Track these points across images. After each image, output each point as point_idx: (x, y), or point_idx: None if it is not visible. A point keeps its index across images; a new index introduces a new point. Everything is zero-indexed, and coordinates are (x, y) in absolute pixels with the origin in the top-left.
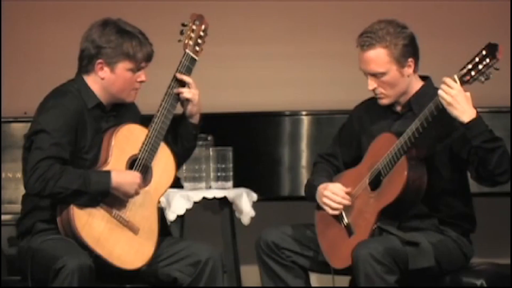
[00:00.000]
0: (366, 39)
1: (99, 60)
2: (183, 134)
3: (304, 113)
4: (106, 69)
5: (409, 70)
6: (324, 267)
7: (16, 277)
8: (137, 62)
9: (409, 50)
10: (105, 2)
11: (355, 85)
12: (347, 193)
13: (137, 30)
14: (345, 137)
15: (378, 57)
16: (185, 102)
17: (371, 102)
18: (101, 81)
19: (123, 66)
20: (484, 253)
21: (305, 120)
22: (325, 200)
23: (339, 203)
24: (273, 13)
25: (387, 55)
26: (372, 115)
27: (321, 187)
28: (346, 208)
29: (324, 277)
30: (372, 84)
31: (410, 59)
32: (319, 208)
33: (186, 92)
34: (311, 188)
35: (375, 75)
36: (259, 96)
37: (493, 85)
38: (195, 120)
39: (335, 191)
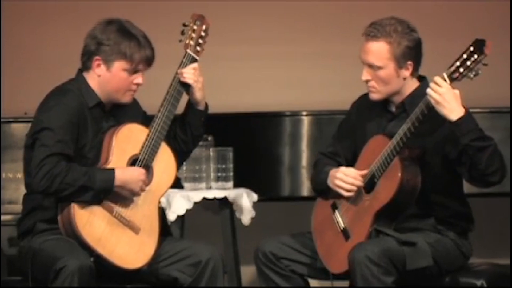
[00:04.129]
0: (373, 30)
1: (97, 57)
2: (191, 122)
3: (304, 113)
4: (102, 66)
5: (405, 73)
6: (323, 274)
7: (16, 277)
8: (133, 63)
9: (411, 53)
10: (106, 2)
11: (355, 85)
12: (362, 176)
13: (141, 33)
14: (344, 132)
15: (379, 50)
16: (190, 89)
17: (368, 99)
18: (98, 78)
19: (119, 66)
20: (484, 253)
21: (305, 120)
22: (337, 182)
23: (351, 184)
24: (272, 13)
25: (388, 51)
26: (368, 113)
27: (333, 171)
28: (342, 213)
29: (324, 283)
30: (366, 75)
31: (409, 62)
32: (316, 214)
33: (189, 78)
34: (321, 174)
35: (371, 67)
36: (259, 96)
37: (493, 85)
38: (201, 106)
39: (347, 172)
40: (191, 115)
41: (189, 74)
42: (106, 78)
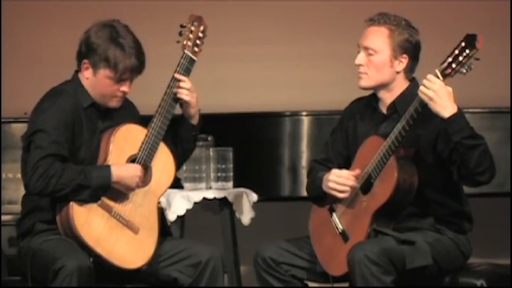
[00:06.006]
0: (377, 17)
1: (85, 60)
2: (183, 136)
3: (304, 113)
4: (90, 70)
5: (399, 66)
6: (323, 277)
7: (16, 277)
8: (118, 72)
9: (408, 48)
10: (105, 2)
11: (355, 85)
12: (355, 176)
13: (131, 41)
14: (336, 139)
15: (380, 34)
16: (183, 103)
17: (358, 104)
18: (87, 80)
19: (103, 73)
20: (484, 253)
21: (305, 121)
22: (330, 184)
23: (343, 184)
24: (272, 13)
25: (388, 37)
26: (359, 116)
27: (326, 175)
28: (339, 215)
29: (323, 286)
30: (360, 59)
31: (404, 55)
32: (313, 219)
33: (184, 95)
34: (316, 180)
35: (367, 51)
36: (259, 96)
37: (493, 85)
38: (195, 121)
39: (338, 173)
40: (183, 128)
41: (184, 92)
42: (93, 82)
